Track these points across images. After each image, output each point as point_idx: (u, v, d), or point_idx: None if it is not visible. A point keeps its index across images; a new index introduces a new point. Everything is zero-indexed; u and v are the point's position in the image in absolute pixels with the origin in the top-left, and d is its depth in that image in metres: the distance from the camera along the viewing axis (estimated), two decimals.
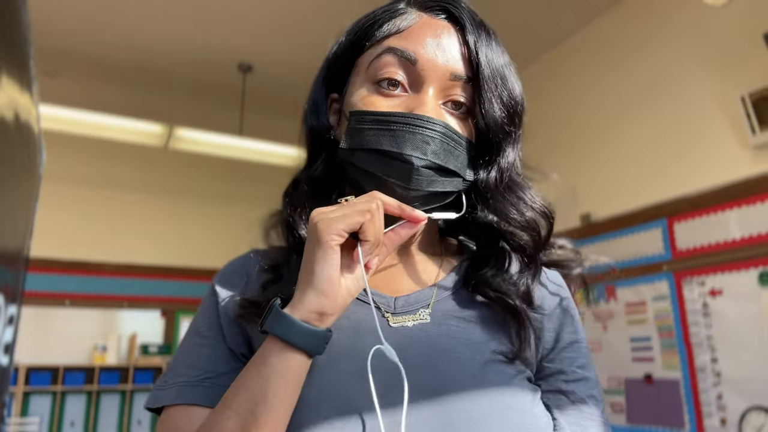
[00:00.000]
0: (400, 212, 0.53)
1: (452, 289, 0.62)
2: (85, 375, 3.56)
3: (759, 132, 2.15)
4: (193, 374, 0.57)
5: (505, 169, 0.61)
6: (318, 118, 0.65)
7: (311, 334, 0.49)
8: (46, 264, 3.55)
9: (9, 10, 0.23)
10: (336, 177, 0.65)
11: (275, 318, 0.50)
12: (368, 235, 0.50)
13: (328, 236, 0.49)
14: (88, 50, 3.35)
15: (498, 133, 0.59)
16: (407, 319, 0.58)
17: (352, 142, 0.58)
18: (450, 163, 0.56)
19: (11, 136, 0.23)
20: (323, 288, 0.49)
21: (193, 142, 3.32)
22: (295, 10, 2.96)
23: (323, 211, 0.52)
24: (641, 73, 2.70)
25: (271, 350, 0.50)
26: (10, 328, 0.24)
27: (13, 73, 0.23)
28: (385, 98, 0.58)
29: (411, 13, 0.61)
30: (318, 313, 0.50)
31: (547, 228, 0.63)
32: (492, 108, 0.58)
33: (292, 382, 0.49)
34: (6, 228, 0.23)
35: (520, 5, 2.83)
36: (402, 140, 0.55)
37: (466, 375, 0.54)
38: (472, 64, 0.58)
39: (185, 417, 0.55)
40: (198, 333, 0.61)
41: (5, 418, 0.26)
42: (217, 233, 4.04)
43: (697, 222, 2.35)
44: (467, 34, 0.59)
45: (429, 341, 0.56)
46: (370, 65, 0.59)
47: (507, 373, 0.55)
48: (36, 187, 0.27)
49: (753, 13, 2.24)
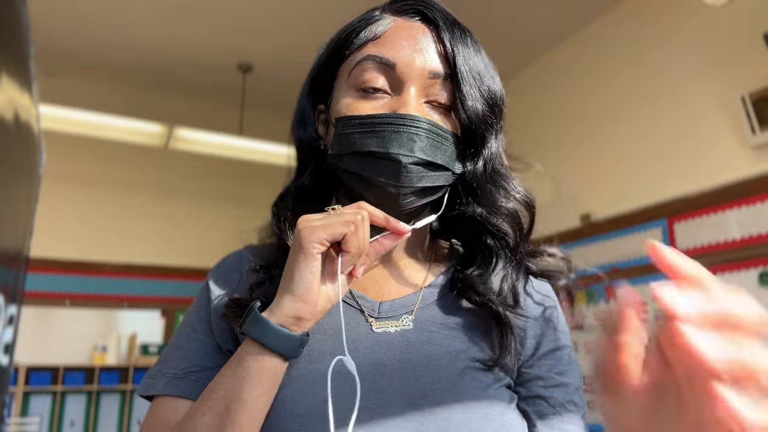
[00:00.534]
0: (385, 224, 0.55)
1: (437, 295, 0.62)
2: (85, 375, 3.56)
3: (759, 132, 2.15)
4: (182, 366, 0.59)
5: (488, 159, 0.62)
6: (305, 129, 0.66)
7: (286, 339, 0.51)
8: (46, 264, 3.55)
9: (9, 10, 0.23)
10: (325, 186, 0.66)
11: (253, 321, 0.52)
12: (350, 246, 0.51)
13: (310, 244, 0.51)
14: (88, 50, 3.35)
15: (481, 126, 0.60)
16: (390, 325, 0.59)
17: (340, 147, 0.59)
18: (438, 158, 0.58)
19: (11, 136, 0.23)
20: (301, 293, 0.51)
21: (193, 142, 3.33)
22: (295, 10, 2.96)
23: (309, 218, 0.53)
24: (641, 73, 2.70)
25: (248, 351, 0.51)
26: (10, 328, 0.24)
27: (13, 73, 0.23)
28: (369, 101, 0.59)
29: (386, 19, 0.63)
30: (295, 317, 0.51)
31: (528, 218, 0.64)
32: (473, 101, 0.60)
33: (267, 383, 0.51)
34: (6, 228, 0.23)
35: (520, 5, 2.83)
36: (388, 140, 0.56)
37: (444, 383, 0.54)
38: (449, 61, 0.60)
39: (172, 408, 0.57)
40: (189, 326, 0.63)
41: (5, 418, 0.26)
42: (217, 233, 4.03)
43: (697, 222, 2.35)
44: (442, 33, 0.61)
45: (409, 348, 0.57)
46: (351, 73, 0.61)
47: (485, 381, 0.56)
48: (36, 187, 0.27)
49: (753, 13, 2.24)
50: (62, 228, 3.59)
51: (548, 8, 2.89)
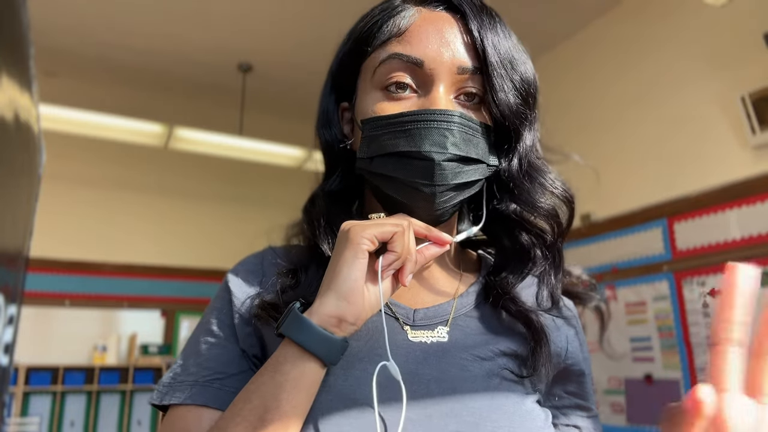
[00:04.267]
0: (427, 234, 0.53)
1: (472, 304, 0.61)
2: (85, 375, 3.56)
3: (759, 132, 2.15)
4: (203, 374, 0.55)
5: (524, 155, 0.59)
6: (330, 129, 0.64)
7: (327, 341, 0.48)
8: (46, 264, 3.55)
9: (9, 10, 0.23)
10: (355, 189, 0.64)
11: (293, 321, 0.49)
12: (396, 246, 0.50)
13: (360, 239, 0.49)
14: (88, 50, 3.35)
15: (514, 119, 0.57)
16: (426, 335, 0.57)
17: (369, 150, 0.56)
18: (471, 151, 0.55)
19: (11, 136, 0.23)
20: (345, 292, 0.48)
21: (193, 142, 3.32)
22: (295, 10, 2.96)
23: (356, 222, 0.52)
24: (641, 74, 2.70)
25: (285, 356, 0.49)
26: (10, 328, 0.24)
27: (13, 73, 0.23)
28: (396, 102, 0.56)
29: (409, 10, 0.59)
30: (337, 318, 0.48)
31: (568, 213, 0.62)
32: (504, 95, 0.56)
33: (306, 391, 0.48)
34: (6, 228, 0.23)
35: (519, 5, 2.83)
36: (419, 138, 0.53)
37: (480, 393, 0.53)
38: (478, 53, 0.56)
39: (194, 418, 0.53)
40: (209, 331, 0.59)
41: (5, 418, 0.26)
42: (217, 233, 4.04)
43: (697, 222, 2.35)
44: (469, 22, 0.57)
45: (446, 358, 0.55)
46: (375, 71, 0.58)
47: (520, 393, 0.55)
48: (36, 187, 0.27)
49: (753, 13, 2.24)
50: (62, 228, 3.59)
51: (548, 8, 2.89)
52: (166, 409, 0.56)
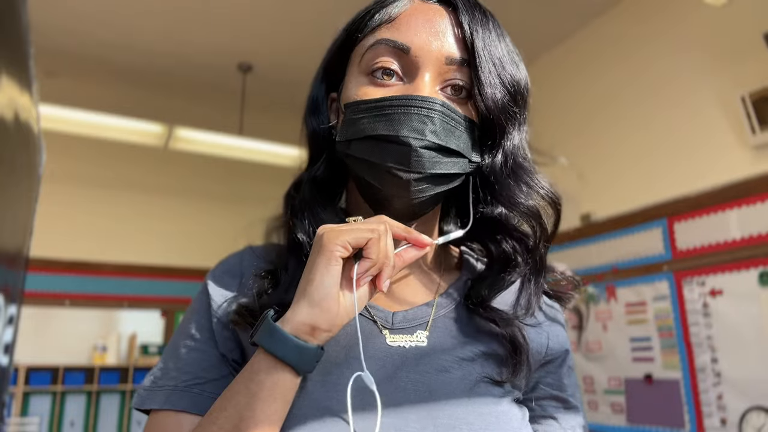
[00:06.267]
0: (406, 236, 0.52)
1: (451, 307, 0.60)
2: (84, 375, 3.56)
3: (759, 132, 2.15)
4: (182, 378, 0.55)
5: (510, 152, 0.58)
6: (318, 117, 0.63)
7: (300, 350, 0.47)
8: (46, 264, 3.55)
9: (9, 10, 0.23)
10: (339, 177, 0.63)
11: (265, 330, 0.48)
12: (371, 252, 0.49)
13: (333, 245, 0.48)
14: (88, 50, 3.35)
15: (500, 115, 0.56)
16: (404, 339, 0.56)
17: (348, 133, 0.56)
18: (451, 142, 0.54)
19: (11, 136, 0.23)
20: (318, 300, 0.47)
21: (193, 142, 3.32)
22: (295, 10, 2.96)
23: (331, 226, 0.50)
24: (641, 73, 2.70)
25: (260, 365, 0.48)
26: (10, 328, 0.24)
27: (13, 73, 0.23)
28: (380, 88, 0.56)
29: (402, 0, 0.58)
30: (310, 326, 0.47)
31: (554, 216, 0.61)
32: (492, 89, 0.55)
33: (281, 399, 0.48)
34: (6, 228, 0.23)
35: (519, 5, 2.83)
36: (398, 122, 0.52)
37: (458, 396, 0.53)
38: (467, 46, 0.56)
39: (174, 424, 0.53)
40: (189, 334, 0.58)
41: (5, 418, 0.26)
42: (217, 233, 4.03)
43: (697, 222, 2.35)
44: (460, 16, 0.57)
45: (423, 362, 0.55)
46: (363, 57, 0.57)
47: (496, 395, 0.55)
48: (36, 187, 0.27)
49: (753, 13, 2.24)
50: (62, 228, 3.59)
51: (548, 8, 2.89)
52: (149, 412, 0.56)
